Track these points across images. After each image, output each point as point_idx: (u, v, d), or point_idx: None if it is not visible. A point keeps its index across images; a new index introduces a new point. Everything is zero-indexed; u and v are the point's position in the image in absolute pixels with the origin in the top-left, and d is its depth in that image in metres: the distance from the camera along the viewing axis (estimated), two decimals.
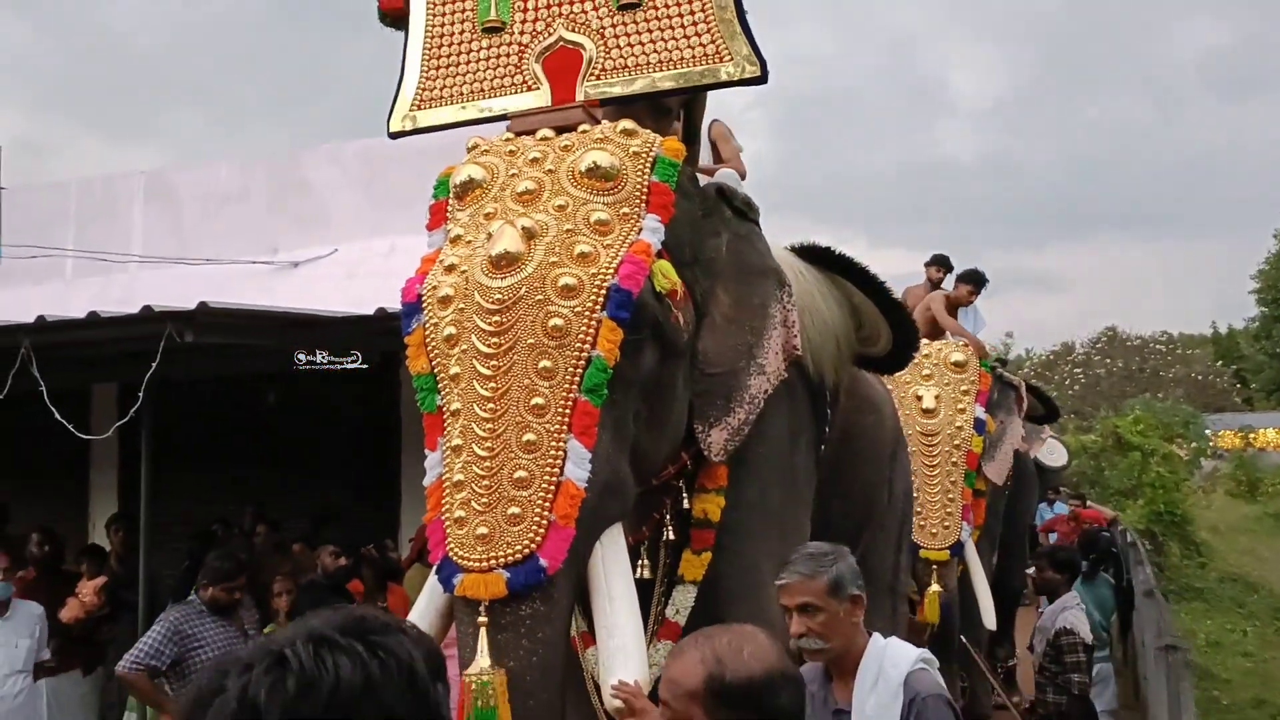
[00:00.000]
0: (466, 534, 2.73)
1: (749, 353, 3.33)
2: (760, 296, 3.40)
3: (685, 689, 1.62)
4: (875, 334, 3.93)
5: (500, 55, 3.58)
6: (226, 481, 8.02)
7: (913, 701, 2.52)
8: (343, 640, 1.02)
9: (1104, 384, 36.91)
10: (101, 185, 8.89)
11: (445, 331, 2.91)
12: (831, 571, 2.68)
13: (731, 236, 3.45)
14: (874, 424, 4.72)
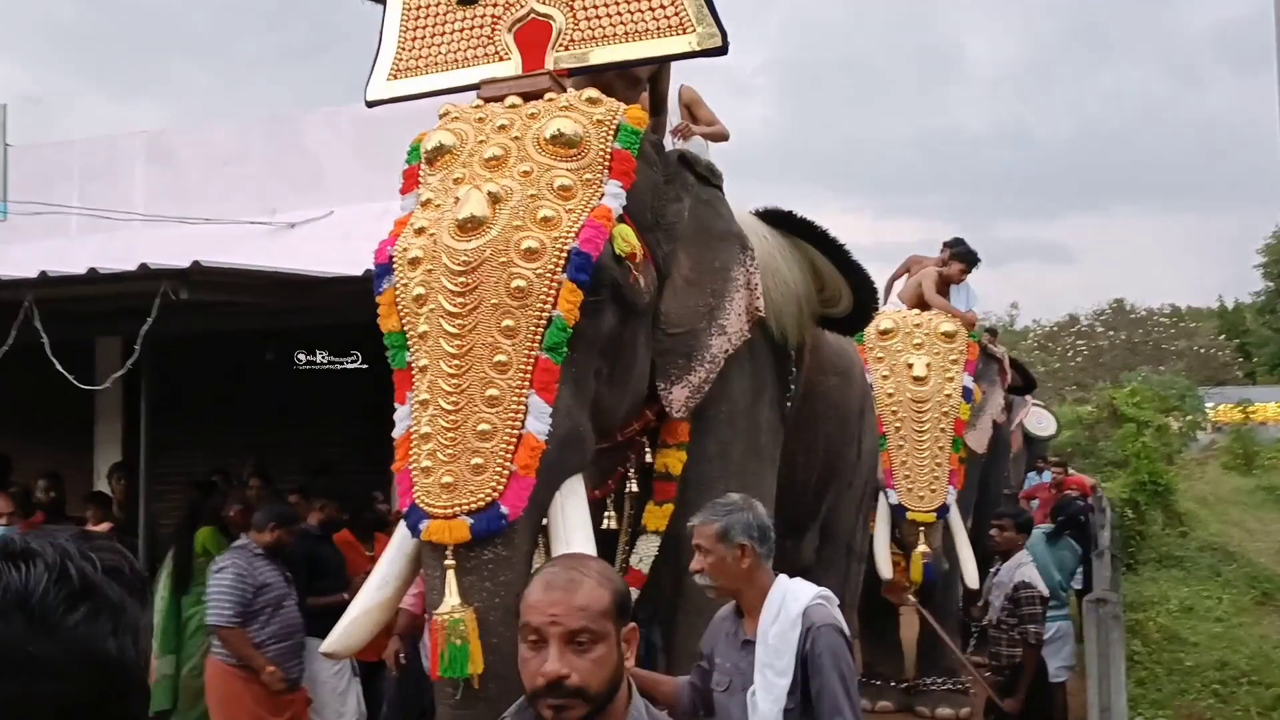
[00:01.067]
0: (432, 482, 2.90)
1: (710, 314, 3.47)
2: (721, 260, 3.54)
3: (600, 609, 1.71)
4: (836, 295, 4.07)
5: (474, 27, 3.70)
6: (225, 434, 8.19)
7: (809, 630, 2.74)
8: None
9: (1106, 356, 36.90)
10: (105, 145, 9.02)
11: (414, 291, 3.06)
12: (723, 521, 2.84)
13: (694, 202, 3.58)
14: (837, 385, 4.86)
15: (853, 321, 4.24)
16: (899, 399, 6.87)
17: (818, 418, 4.61)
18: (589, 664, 1.69)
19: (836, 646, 2.75)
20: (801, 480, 4.53)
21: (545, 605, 1.71)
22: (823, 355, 4.68)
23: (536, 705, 1.72)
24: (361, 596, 3.18)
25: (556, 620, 1.69)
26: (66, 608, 0.95)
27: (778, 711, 2.73)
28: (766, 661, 2.77)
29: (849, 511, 5.31)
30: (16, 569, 0.95)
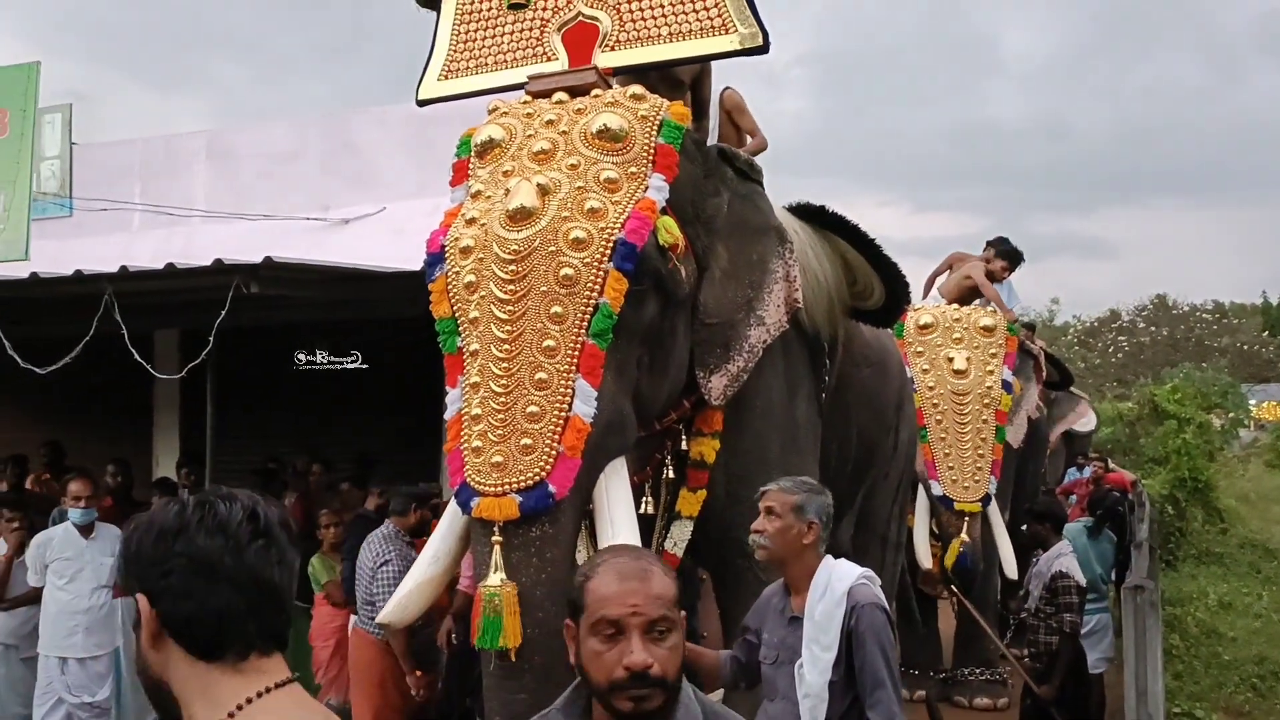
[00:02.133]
0: (483, 462, 2.99)
1: (748, 305, 3.53)
2: (760, 253, 3.59)
3: (672, 597, 1.69)
4: (869, 288, 4.10)
5: (523, 30, 3.81)
6: (278, 425, 8.37)
7: (853, 608, 2.87)
8: (183, 500, 1.41)
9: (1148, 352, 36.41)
10: (166, 143, 9.23)
11: (465, 279, 3.15)
12: (802, 496, 2.99)
13: (733, 196, 3.64)
14: (871, 376, 4.87)
15: (885, 314, 4.26)
16: (940, 392, 6.88)
17: (851, 408, 4.63)
18: (666, 652, 1.65)
19: (879, 624, 2.87)
20: (835, 468, 4.55)
21: (624, 596, 1.66)
22: (855, 347, 4.70)
23: (613, 698, 1.64)
24: (414, 571, 3.28)
25: (638, 610, 1.65)
26: (250, 539, 1.34)
27: (823, 683, 2.86)
28: (813, 636, 2.90)
29: (885, 501, 5.32)
30: (224, 505, 1.36)
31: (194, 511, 1.35)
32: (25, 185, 6.28)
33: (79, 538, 5.90)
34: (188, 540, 1.33)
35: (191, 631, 1.32)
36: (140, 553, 1.35)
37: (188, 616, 1.32)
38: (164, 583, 1.32)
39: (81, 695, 5.73)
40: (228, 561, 1.32)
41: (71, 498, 6.02)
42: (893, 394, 5.23)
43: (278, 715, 1.32)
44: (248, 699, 1.31)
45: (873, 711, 2.82)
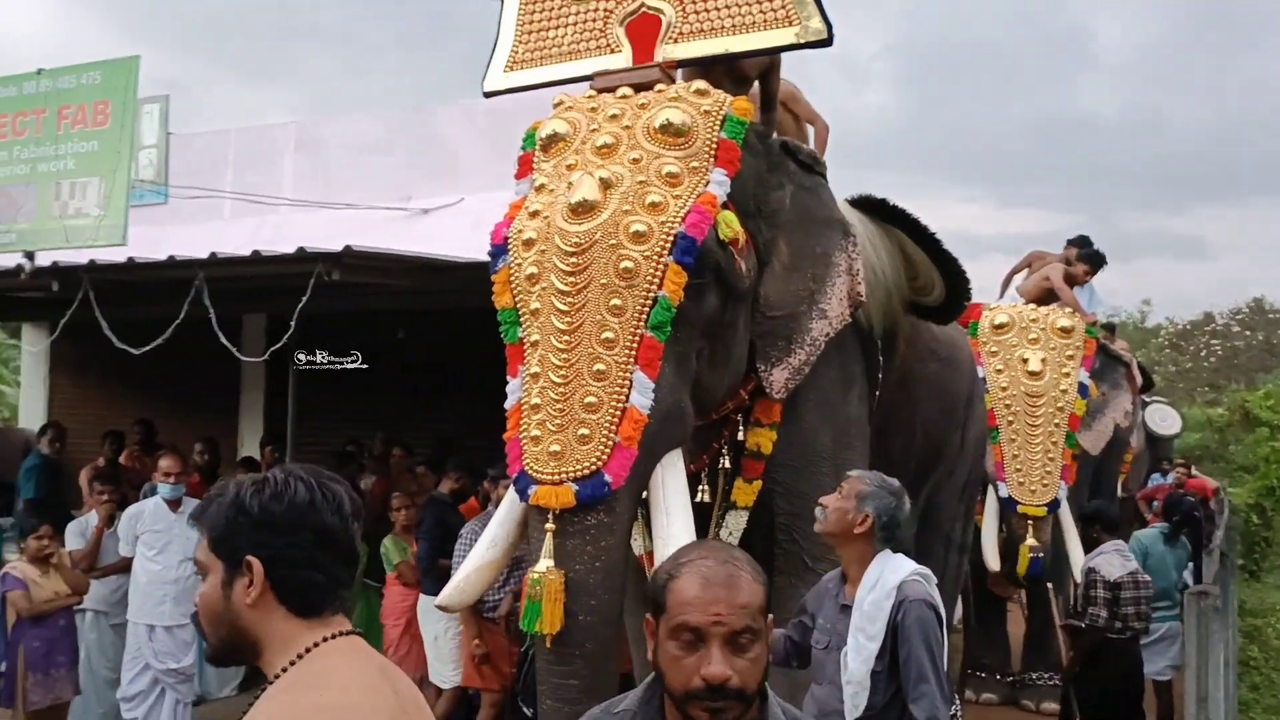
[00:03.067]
0: (541, 450, 3.03)
1: (810, 297, 3.51)
2: (823, 245, 3.57)
3: (759, 605, 1.58)
4: (929, 284, 4.04)
5: (587, 20, 3.82)
6: (357, 408, 8.56)
7: (901, 603, 2.91)
8: (302, 477, 1.56)
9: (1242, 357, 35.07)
10: (257, 134, 9.50)
11: (528, 271, 3.19)
12: (872, 489, 3.03)
13: (796, 189, 3.62)
14: (938, 372, 4.79)
15: (945, 311, 4.18)
16: (1013, 393, 6.75)
17: (916, 402, 4.57)
18: (747, 664, 1.55)
19: (926, 620, 2.89)
20: (898, 464, 4.48)
21: (707, 603, 1.55)
22: (922, 341, 4.62)
23: (689, 706, 1.56)
24: (473, 555, 3.33)
25: (721, 620, 1.54)
26: (352, 516, 1.57)
27: (866, 672, 2.90)
28: (859, 626, 2.94)
29: (949, 500, 5.23)
30: (336, 486, 1.58)
31: (319, 490, 1.54)
32: (125, 174, 6.52)
33: (168, 512, 6.12)
34: (318, 516, 1.52)
35: (305, 594, 1.52)
36: (269, 521, 1.50)
37: (306, 582, 1.51)
38: (291, 551, 1.49)
39: (167, 661, 5.94)
40: (342, 536, 1.54)
41: (162, 473, 6.25)
42: (962, 390, 5.14)
43: (340, 657, 1.50)
44: (314, 644, 1.50)
45: (915, 705, 2.83)
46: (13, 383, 14.43)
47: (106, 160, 6.55)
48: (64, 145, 6.70)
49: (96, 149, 6.61)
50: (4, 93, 6.98)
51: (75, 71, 6.78)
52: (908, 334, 4.42)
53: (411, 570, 6.03)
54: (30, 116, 6.84)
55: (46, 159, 6.74)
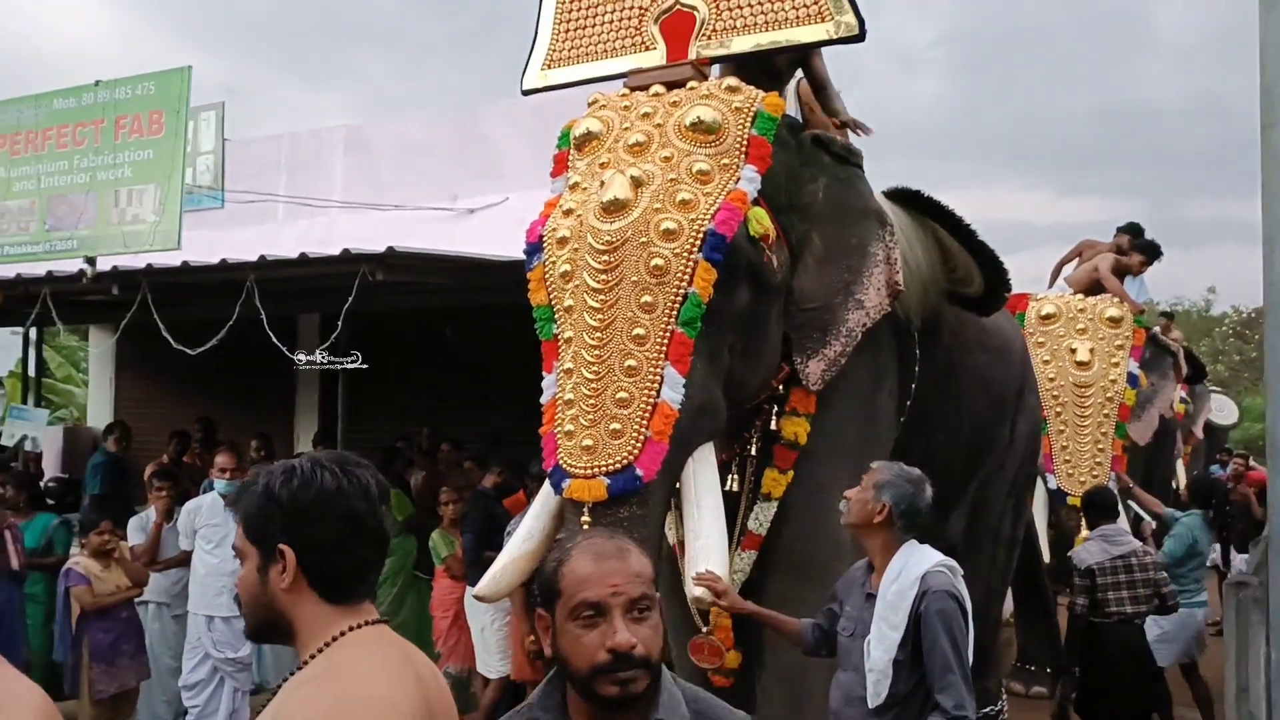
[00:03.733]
0: (574, 445, 3.09)
1: (846, 289, 3.51)
2: (859, 236, 3.56)
3: (651, 575, 1.64)
4: (969, 275, 3.99)
5: (623, 18, 3.86)
6: (407, 404, 8.71)
7: (925, 593, 2.93)
8: (329, 464, 1.59)
9: None
10: (309, 137, 9.70)
11: (561, 268, 3.25)
12: (890, 478, 3.04)
13: (830, 181, 3.61)
14: (986, 363, 4.71)
15: (985, 303, 4.13)
16: (1061, 384, 6.69)
17: (962, 394, 4.50)
18: (649, 632, 1.56)
19: (949, 611, 2.91)
20: (943, 457, 4.40)
21: (603, 576, 1.56)
22: (968, 332, 4.56)
23: (596, 684, 1.54)
24: (509, 547, 3.40)
25: (618, 590, 1.55)
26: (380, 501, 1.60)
27: (888, 661, 2.92)
28: (882, 615, 2.97)
29: (998, 494, 5.14)
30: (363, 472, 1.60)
31: (345, 477, 1.56)
32: (178, 181, 6.70)
33: (225, 506, 6.30)
34: (345, 503, 1.55)
35: (336, 579, 1.56)
36: (298, 509, 1.54)
37: (335, 567, 1.55)
38: (320, 538, 1.53)
39: (226, 651, 6.10)
40: (370, 523, 1.57)
41: (218, 469, 6.42)
42: (1013, 382, 5.05)
43: (365, 645, 1.54)
44: (344, 631, 1.54)
45: (942, 695, 2.84)
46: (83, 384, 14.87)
47: (161, 167, 6.73)
48: (121, 154, 6.90)
49: (152, 157, 6.79)
50: (64, 105, 7.20)
51: (130, 83, 6.98)
52: (952, 325, 4.37)
53: (459, 563, 6.13)
54: (89, 127, 7.05)
55: (105, 167, 6.95)
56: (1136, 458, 7.25)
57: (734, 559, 3.55)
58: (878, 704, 2.95)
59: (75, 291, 7.07)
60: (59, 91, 7.28)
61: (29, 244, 7.18)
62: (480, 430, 8.13)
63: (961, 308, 4.22)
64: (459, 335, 8.29)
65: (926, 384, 4.15)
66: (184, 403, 9.60)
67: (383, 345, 7.98)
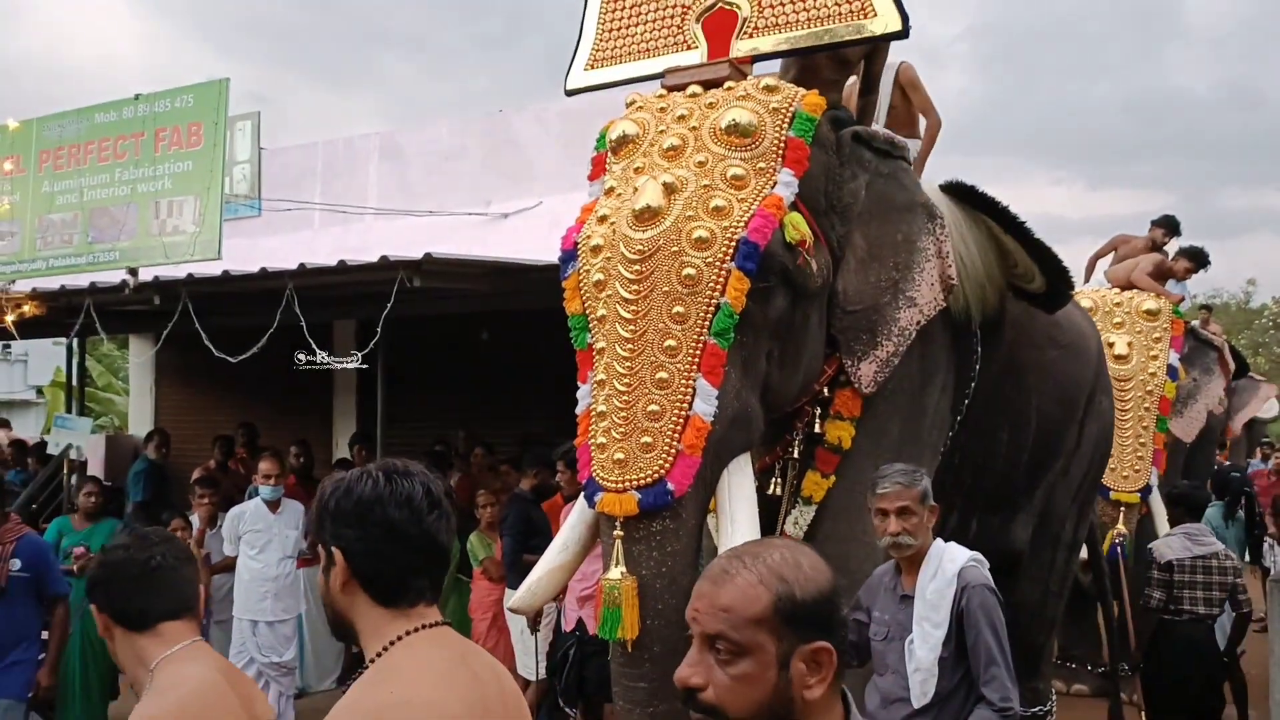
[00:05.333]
0: (606, 458, 3.03)
1: (894, 287, 3.40)
2: (905, 232, 3.45)
3: (749, 615, 1.31)
4: (1029, 272, 3.85)
5: (664, 17, 3.77)
6: (445, 408, 8.69)
7: (964, 589, 2.94)
8: (376, 472, 1.63)
9: None
10: (343, 145, 9.71)
11: (594, 277, 3.18)
12: (922, 483, 3.02)
13: (872, 177, 3.49)
14: (1057, 359, 4.56)
15: (1049, 300, 3.97)
16: None
17: (1029, 392, 4.33)
18: (728, 680, 1.31)
19: (989, 604, 2.93)
20: (1007, 456, 4.28)
21: (695, 597, 1.37)
22: (1038, 328, 4.39)
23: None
24: (545, 559, 3.33)
25: (696, 617, 1.35)
26: (428, 509, 1.61)
27: (933, 660, 2.93)
28: (924, 615, 2.96)
29: (1063, 501, 4.97)
30: (407, 481, 1.61)
31: (386, 485, 1.60)
32: (217, 191, 6.74)
33: (268, 512, 6.35)
34: (382, 510, 1.58)
35: (378, 583, 1.60)
36: (340, 515, 1.60)
37: (377, 571, 1.59)
38: (360, 545, 1.58)
39: (270, 655, 6.16)
40: (412, 530, 1.59)
41: (261, 476, 6.48)
42: (1086, 381, 4.85)
43: (419, 648, 1.57)
44: (403, 634, 1.58)
45: (988, 688, 2.86)
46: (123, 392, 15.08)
47: (200, 179, 6.78)
48: (161, 166, 6.94)
49: (191, 169, 6.84)
50: (105, 118, 7.27)
51: (170, 95, 7.04)
52: (1019, 320, 4.20)
53: (496, 566, 6.13)
54: (130, 140, 7.12)
55: (145, 180, 7.00)
56: (1177, 453, 7.15)
57: None
58: (925, 703, 2.94)
59: (117, 302, 7.17)
60: (100, 105, 7.36)
61: (72, 256, 7.25)
62: (515, 434, 8.15)
63: (1029, 303, 4.06)
64: (494, 339, 8.32)
65: (987, 383, 4.00)
66: (222, 409, 9.65)
67: (418, 350, 8.03)
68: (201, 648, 2.03)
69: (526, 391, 8.37)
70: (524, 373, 8.11)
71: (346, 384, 9.23)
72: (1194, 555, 5.11)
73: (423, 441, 8.00)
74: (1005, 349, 4.15)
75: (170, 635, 2.00)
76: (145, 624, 1.98)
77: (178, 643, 1.99)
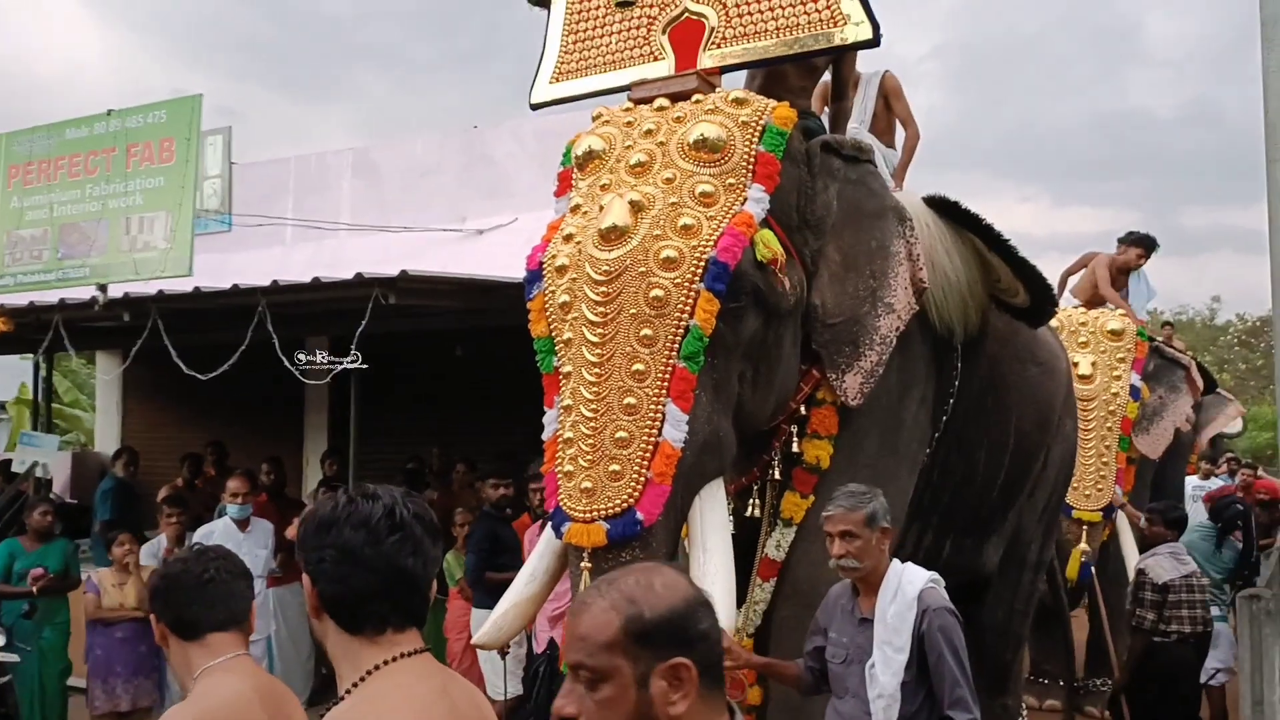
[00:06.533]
0: (573, 487, 2.89)
1: (873, 295, 3.28)
2: (878, 238, 3.34)
3: (601, 640, 1.32)
4: (1013, 286, 3.74)
5: (632, 28, 3.64)
6: (419, 425, 8.57)
7: (924, 612, 2.87)
8: (338, 495, 1.61)
9: None
10: (316, 160, 9.56)
11: (560, 299, 3.04)
12: (869, 507, 2.92)
13: (842, 185, 3.39)
14: (1036, 377, 4.46)
15: (1032, 315, 3.87)
16: None
17: (1010, 409, 4.22)
18: (595, 705, 1.33)
19: (950, 626, 2.88)
20: (985, 476, 4.16)
21: (567, 629, 1.40)
22: (1019, 343, 4.28)
23: None
24: (511, 591, 3.17)
25: (566, 649, 1.38)
26: (388, 533, 1.55)
27: (896, 684, 2.86)
28: (885, 639, 2.89)
29: (1030, 524, 4.89)
30: (366, 502, 1.57)
31: (344, 508, 1.57)
32: (189, 208, 6.64)
33: (236, 531, 6.24)
34: (337, 533, 1.55)
35: (337, 608, 1.56)
36: (305, 540, 1.59)
37: (335, 596, 1.55)
38: (319, 567, 1.55)
39: None
40: (367, 552, 1.54)
41: (230, 494, 6.37)
42: (1058, 401, 4.75)
43: (398, 677, 1.52)
44: (377, 665, 1.53)
45: (954, 710, 2.82)
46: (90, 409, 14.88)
47: (172, 195, 6.69)
48: (132, 182, 6.83)
49: (163, 184, 6.74)
50: (77, 134, 7.16)
51: (142, 111, 6.93)
52: (1001, 334, 4.09)
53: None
54: (101, 155, 7.01)
55: (116, 195, 6.89)
56: (1146, 470, 7.19)
57: (754, 589, 3.35)
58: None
59: (87, 318, 7.07)
60: (71, 121, 7.25)
61: (42, 272, 7.13)
62: (491, 450, 8.08)
63: (1012, 316, 3.94)
64: (469, 355, 8.27)
65: (968, 398, 3.88)
66: (191, 427, 9.47)
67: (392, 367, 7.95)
68: (244, 662, 2.08)
69: (502, 408, 8.30)
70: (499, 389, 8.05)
71: (318, 401, 9.12)
72: (1184, 575, 5.13)
73: (397, 458, 7.91)
74: (987, 364, 4.06)
75: (217, 646, 2.05)
76: (196, 633, 2.05)
77: (223, 654, 2.05)
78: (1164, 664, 5.06)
